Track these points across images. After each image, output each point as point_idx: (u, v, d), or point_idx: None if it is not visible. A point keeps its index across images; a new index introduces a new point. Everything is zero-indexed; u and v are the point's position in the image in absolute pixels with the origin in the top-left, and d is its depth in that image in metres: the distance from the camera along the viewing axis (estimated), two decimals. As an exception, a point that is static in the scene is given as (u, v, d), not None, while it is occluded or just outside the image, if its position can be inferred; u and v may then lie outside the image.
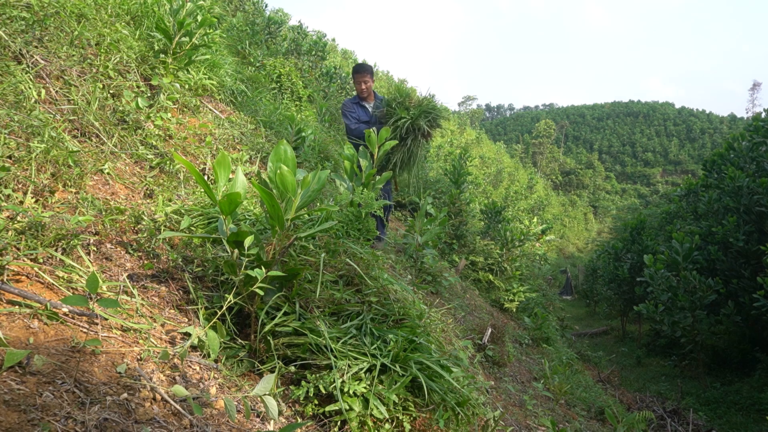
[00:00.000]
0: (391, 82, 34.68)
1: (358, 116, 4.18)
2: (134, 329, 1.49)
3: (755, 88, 72.25)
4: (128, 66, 2.91)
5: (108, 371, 1.27)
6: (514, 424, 2.79)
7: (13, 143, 1.84)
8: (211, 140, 3.04)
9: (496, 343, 4.18)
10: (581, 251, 40.42)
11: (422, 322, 2.07)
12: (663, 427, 5.80)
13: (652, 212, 20.59)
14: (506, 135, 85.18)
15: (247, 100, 4.50)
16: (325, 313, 1.82)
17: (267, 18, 10.00)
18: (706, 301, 8.40)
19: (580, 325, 16.03)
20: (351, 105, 4.24)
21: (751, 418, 7.05)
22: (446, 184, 9.59)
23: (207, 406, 1.37)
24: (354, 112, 4.22)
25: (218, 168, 1.61)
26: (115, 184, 2.18)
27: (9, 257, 1.43)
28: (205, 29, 3.46)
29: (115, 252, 1.81)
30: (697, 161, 57.10)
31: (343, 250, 2.06)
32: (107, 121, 2.42)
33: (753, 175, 9.61)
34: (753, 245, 8.76)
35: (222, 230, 1.62)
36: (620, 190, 67.71)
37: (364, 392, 1.57)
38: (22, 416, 1.01)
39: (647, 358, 11.37)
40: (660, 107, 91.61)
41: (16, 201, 1.68)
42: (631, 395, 7.48)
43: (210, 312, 1.76)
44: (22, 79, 2.12)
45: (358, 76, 4.12)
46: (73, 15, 2.74)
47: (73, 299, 1.28)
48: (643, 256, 9.87)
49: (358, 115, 4.18)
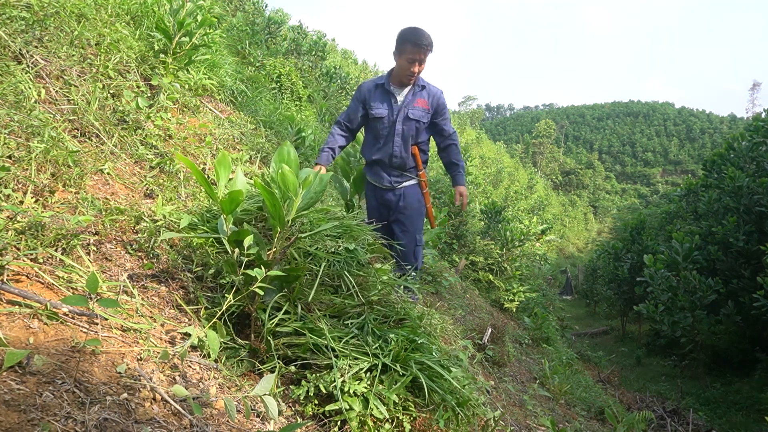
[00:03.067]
0: (391, 82, 34.67)
1: (372, 105, 2.75)
2: (134, 329, 1.49)
3: (755, 88, 72.21)
4: (128, 66, 2.91)
5: (108, 371, 1.27)
6: (514, 424, 2.79)
7: (13, 143, 1.84)
8: (211, 140, 3.04)
9: (496, 343, 4.18)
10: (581, 251, 40.43)
11: (423, 323, 2.07)
12: (663, 427, 5.80)
13: (652, 212, 20.59)
14: (506, 135, 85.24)
15: (247, 100, 4.50)
16: (326, 314, 1.82)
17: (267, 18, 10.00)
18: (706, 301, 8.40)
19: (580, 325, 16.03)
20: (366, 90, 2.81)
21: (751, 418, 7.05)
22: (446, 184, 9.59)
23: (207, 406, 1.37)
24: (361, 101, 2.81)
25: (219, 167, 1.62)
26: (115, 184, 2.18)
27: (9, 257, 1.43)
28: (205, 29, 3.46)
29: (115, 252, 1.81)
30: (697, 161, 57.10)
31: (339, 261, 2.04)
32: (107, 121, 2.42)
33: (753, 175, 9.61)
34: (753, 245, 8.76)
35: (222, 230, 1.62)
36: (620, 190, 67.74)
37: (364, 392, 1.57)
38: (22, 416, 1.01)
39: (647, 358, 11.37)
40: (660, 107, 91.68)
41: (16, 201, 1.68)
42: (631, 395, 7.47)
43: (210, 312, 1.76)
44: (22, 79, 2.12)
45: (412, 48, 2.56)
46: (73, 15, 2.74)
47: (73, 299, 1.28)
48: (643, 256, 9.87)
49: (375, 103, 2.74)
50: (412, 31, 2.58)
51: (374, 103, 2.76)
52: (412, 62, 2.58)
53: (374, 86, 2.80)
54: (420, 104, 2.74)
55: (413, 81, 2.70)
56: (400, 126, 2.73)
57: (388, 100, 2.75)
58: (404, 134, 2.75)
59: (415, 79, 2.69)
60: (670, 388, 8.49)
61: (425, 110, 2.76)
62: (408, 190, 2.83)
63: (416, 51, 2.56)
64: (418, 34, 2.56)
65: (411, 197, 2.83)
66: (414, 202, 2.84)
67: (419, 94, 2.74)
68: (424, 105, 2.75)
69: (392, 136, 2.75)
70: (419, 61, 2.59)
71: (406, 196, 2.82)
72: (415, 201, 2.85)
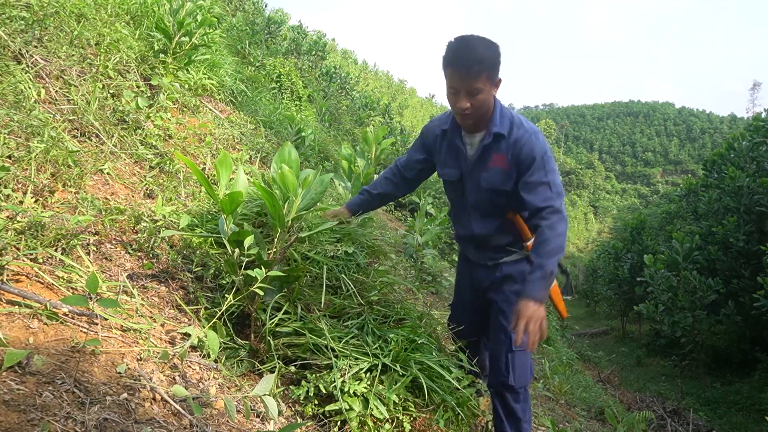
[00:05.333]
0: (391, 82, 34.70)
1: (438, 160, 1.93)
2: (134, 329, 1.49)
3: (755, 88, 72.32)
4: (128, 66, 2.91)
5: (108, 371, 1.27)
6: (515, 424, 2.78)
7: (12, 143, 1.84)
8: (211, 140, 3.04)
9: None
10: (581, 251, 40.44)
11: (423, 322, 2.07)
12: (663, 427, 5.79)
13: (652, 212, 20.60)
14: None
15: (247, 100, 4.50)
16: (325, 314, 1.82)
17: (267, 18, 10.01)
18: (706, 301, 8.40)
19: (580, 325, 16.03)
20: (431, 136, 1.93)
21: (751, 418, 7.05)
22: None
23: (207, 406, 1.37)
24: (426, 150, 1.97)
25: (220, 168, 1.61)
26: (115, 184, 2.18)
27: (9, 257, 1.43)
28: (205, 29, 3.46)
29: (115, 252, 1.81)
30: (697, 161, 57.07)
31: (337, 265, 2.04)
32: (107, 121, 2.42)
33: (753, 175, 9.61)
34: (753, 245, 8.75)
35: (223, 230, 1.62)
36: (620, 190, 67.74)
37: (364, 392, 1.57)
38: (22, 416, 1.01)
39: (647, 358, 11.37)
40: (660, 107, 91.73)
41: (16, 201, 1.68)
42: (631, 395, 7.47)
43: (210, 312, 1.76)
44: (21, 79, 2.12)
45: (451, 72, 1.65)
46: (73, 15, 2.73)
47: (72, 299, 1.28)
48: (643, 256, 9.87)
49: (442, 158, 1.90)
50: (451, 45, 1.64)
51: (441, 157, 1.90)
52: (455, 93, 1.66)
53: (441, 132, 1.88)
54: (497, 162, 1.75)
55: (472, 123, 1.73)
56: (473, 197, 1.85)
57: (456, 155, 1.84)
58: (482, 208, 1.86)
59: (474, 119, 1.71)
60: (670, 388, 8.48)
61: (505, 171, 1.74)
62: (512, 268, 1.92)
63: (455, 76, 1.63)
64: (455, 49, 1.62)
65: (518, 277, 1.90)
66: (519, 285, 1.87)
67: (495, 148, 1.74)
68: (503, 164, 1.74)
69: (468, 210, 1.90)
70: (467, 91, 1.62)
71: (511, 277, 1.91)
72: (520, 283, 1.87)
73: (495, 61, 1.62)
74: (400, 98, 30.80)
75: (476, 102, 1.65)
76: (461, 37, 1.64)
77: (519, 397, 1.89)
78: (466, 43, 1.62)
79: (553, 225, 1.65)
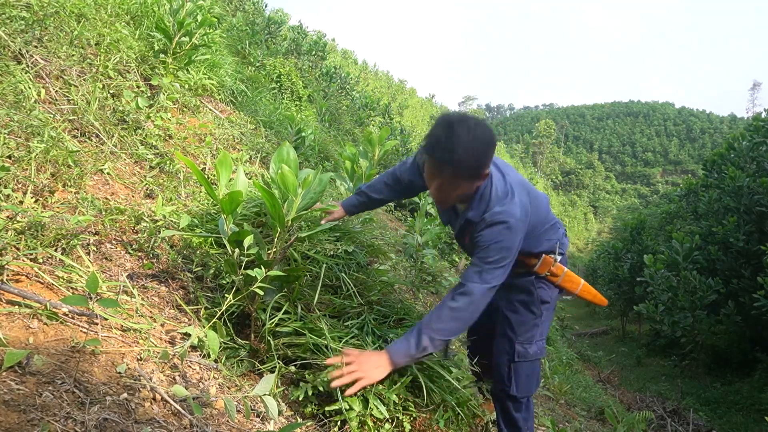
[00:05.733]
0: (391, 82, 34.68)
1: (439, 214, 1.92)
2: (134, 329, 1.49)
3: (755, 88, 72.31)
4: (128, 66, 2.91)
5: (108, 371, 1.27)
6: (515, 424, 2.78)
7: (12, 143, 1.84)
8: (211, 140, 3.04)
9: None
10: (581, 251, 40.45)
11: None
12: (663, 427, 5.80)
13: (652, 212, 20.61)
14: (506, 135, 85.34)
15: (247, 100, 4.50)
16: (325, 314, 1.82)
17: (267, 18, 10.01)
18: (706, 301, 8.41)
19: (580, 325, 16.04)
20: None
21: (751, 418, 7.05)
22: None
23: (207, 406, 1.37)
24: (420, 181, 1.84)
25: (220, 168, 1.61)
26: (115, 184, 2.18)
27: (9, 257, 1.43)
28: (205, 29, 3.47)
29: (115, 252, 1.81)
30: (697, 161, 57.11)
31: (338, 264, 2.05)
32: (107, 121, 2.42)
33: (753, 175, 9.62)
34: (753, 245, 8.76)
35: (223, 230, 1.62)
36: (620, 190, 67.80)
37: (364, 392, 1.57)
38: (22, 416, 1.01)
39: (647, 358, 11.37)
40: (660, 107, 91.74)
41: (16, 201, 1.68)
42: (631, 395, 7.48)
43: (210, 312, 1.76)
44: (21, 79, 2.12)
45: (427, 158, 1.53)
46: (73, 15, 2.73)
47: (72, 299, 1.28)
48: (643, 256, 9.89)
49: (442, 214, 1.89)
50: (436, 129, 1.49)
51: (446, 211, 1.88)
52: (429, 177, 1.56)
53: None
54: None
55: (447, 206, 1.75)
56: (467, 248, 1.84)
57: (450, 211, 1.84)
58: None
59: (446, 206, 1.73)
60: (670, 388, 8.49)
61: None
62: (519, 279, 1.89)
63: (429, 163, 1.53)
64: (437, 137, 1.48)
65: (523, 287, 1.91)
66: (524, 295, 1.90)
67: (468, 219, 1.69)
68: None
69: (466, 248, 1.87)
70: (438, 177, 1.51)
71: (517, 287, 1.91)
72: (526, 293, 1.90)
73: (474, 163, 1.47)
74: (400, 98, 30.81)
75: (445, 195, 1.57)
76: (449, 124, 1.47)
77: (521, 406, 1.89)
78: (449, 135, 1.45)
79: (458, 308, 1.57)
